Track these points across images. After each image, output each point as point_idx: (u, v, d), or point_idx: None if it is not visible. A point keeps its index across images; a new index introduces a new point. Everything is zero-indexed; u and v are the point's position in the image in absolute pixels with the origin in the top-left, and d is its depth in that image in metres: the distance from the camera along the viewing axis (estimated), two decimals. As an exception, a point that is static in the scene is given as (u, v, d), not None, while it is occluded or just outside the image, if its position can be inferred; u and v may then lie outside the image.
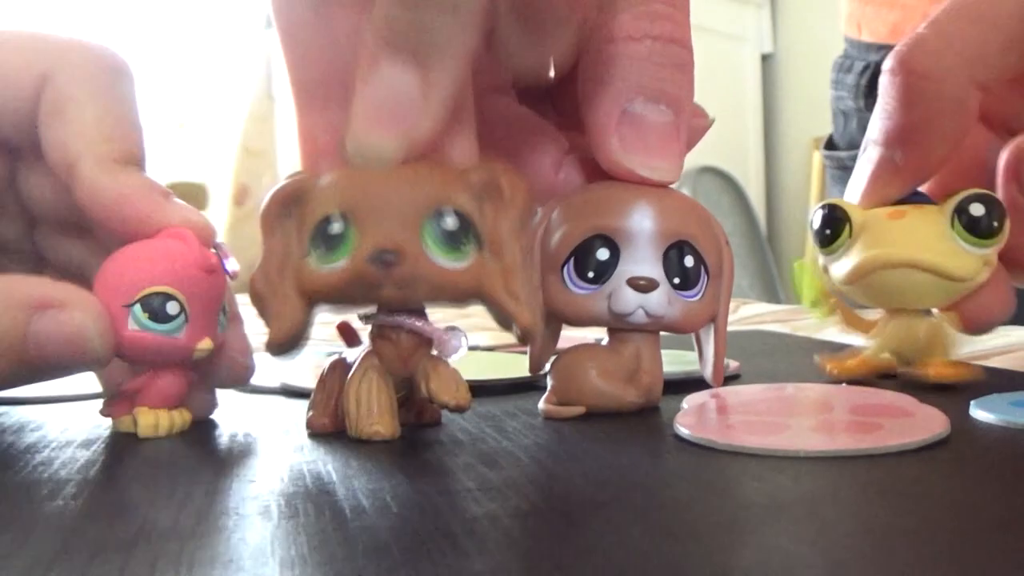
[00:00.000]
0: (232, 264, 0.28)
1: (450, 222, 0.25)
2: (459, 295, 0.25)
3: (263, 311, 0.26)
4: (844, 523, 0.19)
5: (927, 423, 0.25)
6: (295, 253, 0.25)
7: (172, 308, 0.26)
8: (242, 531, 0.18)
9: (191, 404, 0.28)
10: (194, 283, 0.26)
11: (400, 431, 0.26)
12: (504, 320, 0.26)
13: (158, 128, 2.13)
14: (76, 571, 0.16)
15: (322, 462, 0.24)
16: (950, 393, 0.31)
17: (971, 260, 0.32)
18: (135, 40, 2.03)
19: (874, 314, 0.36)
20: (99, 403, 0.34)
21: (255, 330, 0.29)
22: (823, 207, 0.34)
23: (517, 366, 0.37)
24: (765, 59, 2.75)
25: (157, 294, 0.26)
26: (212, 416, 0.31)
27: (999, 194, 0.33)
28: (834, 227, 0.33)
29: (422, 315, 0.26)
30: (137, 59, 0.30)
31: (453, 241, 0.25)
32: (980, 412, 0.27)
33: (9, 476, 0.23)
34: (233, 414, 0.32)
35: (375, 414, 0.26)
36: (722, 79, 2.52)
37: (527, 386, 0.33)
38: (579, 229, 0.28)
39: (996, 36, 0.30)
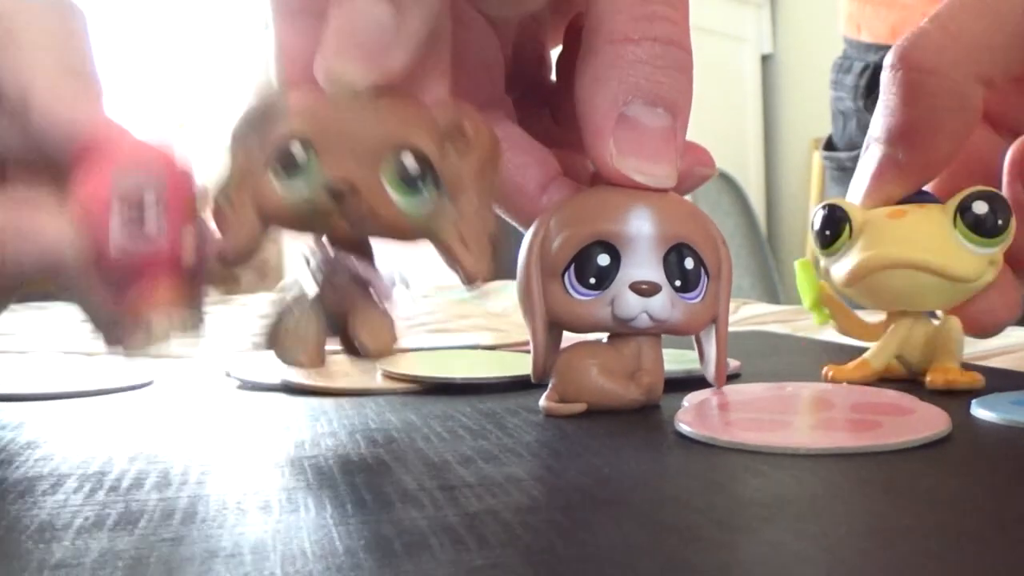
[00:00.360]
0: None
1: (410, 164, 0.24)
2: (410, 236, 0.25)
3: (220, 223, 0.26)
4: (845, 520, 0.19)
5: (928, 421, 0.25)
6: (257, 170, 0.25)
7: (149, 199, 0.25)
8: (243, 525, 0.18)
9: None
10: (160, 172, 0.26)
11: (325, 362, 0.27)
12: (451, 263, 0.26)
13: (158, 128, 2.12)
14: (78, 565, 0.16)
15: (323, 457, 0.24)
16: (952, 393, 0.31)
17: (975, 260, 0.31)
18: (134, 40, 2.04)
19: (876, 317, 0.35)
20: (98, 400, 0.34)
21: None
22: (823, 207, 0.33)
23: (518, 364, 0.37)
24: (765, 60, 2.75)
25: (133, 188, 0.25)
26: (213, 412, 0.31)
27: (1004, 193, 0.32)
28: (834, 228, 0.33)
29: (368, 254, 0.27)
30: (137, 59, 0.30)
31: (412, 183, 0.25)
32: (981, 411, 0.27)
33: (9, 471, 0.23)
34: (234, 410, 0.32)
35: (302, 344, 0.26)
36: (722, 80, 2.52)
37: (528, 384, 0.33)
38: (578, 235, 0.28)
39: (1001, 31, 0.30)
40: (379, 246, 0.27)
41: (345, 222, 0.24)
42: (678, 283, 0.28)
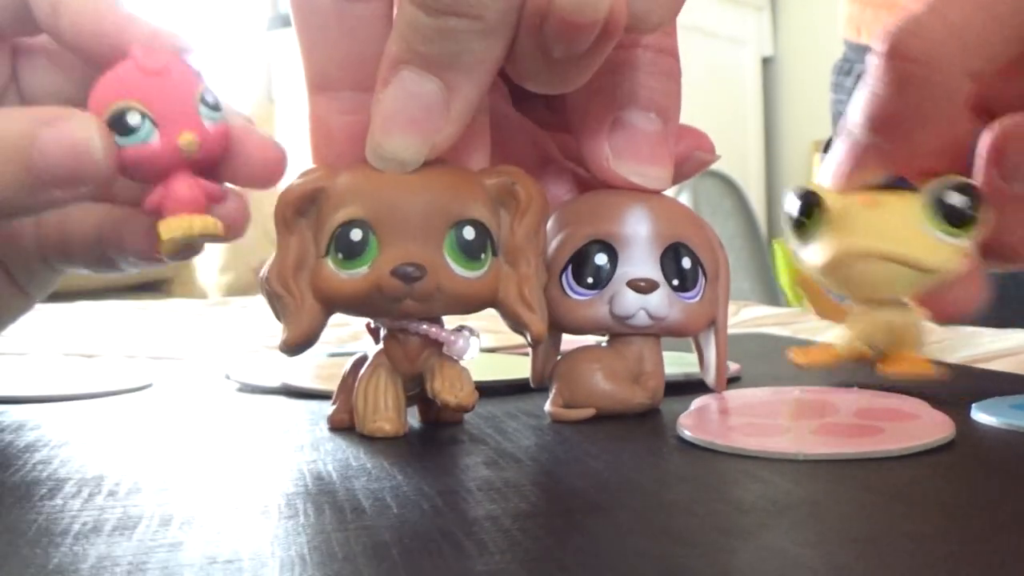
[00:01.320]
0: (197, 61, 0.28)
1: (470, 233, 0.25)
2: (476, 305, 0.26)
3: (278, 311, 0.26)
4: (846, 526, 0.18)
5: (931, 427, 0.25)
6: (312, 254, 0.25)
7: (132, 119, 0.26)
8: (242, 531, 0.18)
9: (220, 213, 0.27)
10: (145, 87, 0.26)
11: (406, 428, 0.27)
12: (517, 327, 0.27)
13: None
14: (75, 571, 0.16)
15: (322, 462, 0.24)
16: (952, 396, 0.31)
17: (947, 250, 0.30)
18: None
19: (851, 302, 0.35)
20: (97, 402, 0.34)
21: (267, 329, 0.28)
22: (796, 191, 0.33)
23: (518, 368, 0.37)
24: (766, 62, 2.75)
25: (116, 110, 0.26)
26: (213, 415, 0.31)
27: (979, 180, 0.31)
28: (807, 212, 0.32)
29: (434, 319, 0.27)
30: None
31: (472, 251, 0.25)
32: (982, 415, 0.27)
33: (8, 475, 0.23)
34: (233, 413, 0.32)
35: (381, 410, 0.26)
36: (723, 82, 2.52)
37: (527, 388, 0.33)
38: (576, 236, 0.28)
39: (1000, 27, 0.29)
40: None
41: (414, 301, 0.25)
42: (676, 282, 0.28)
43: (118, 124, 0.26)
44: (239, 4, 2.33)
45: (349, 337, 0.60)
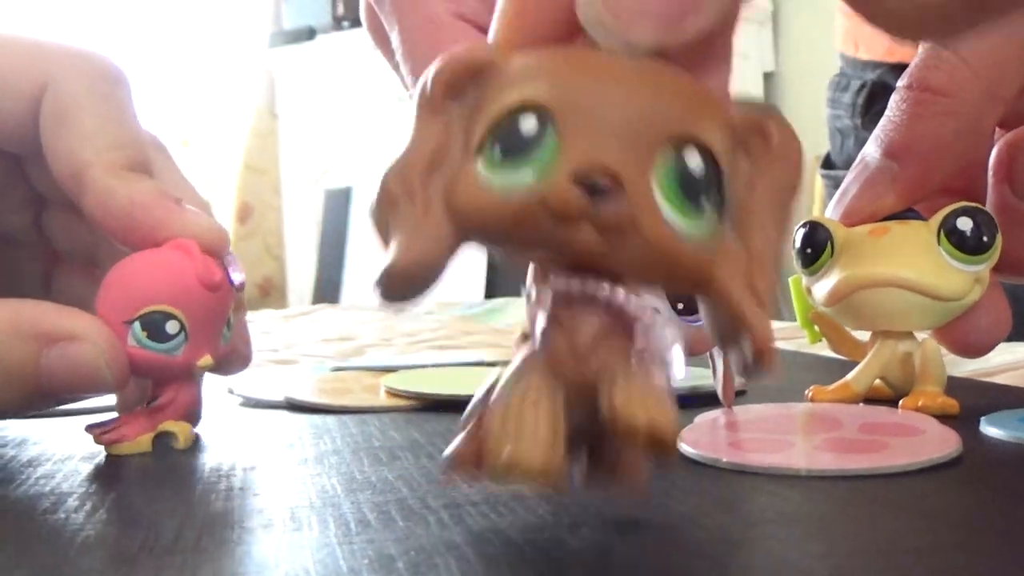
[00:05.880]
0: (238, 276, 0.27)
1: (696, 165, 0.16)
2: (680, 277, 0.17)
3: (389, 222, 0.17)
4: (853, 540, 0.18)
5: (937, 442, 0.25)
6: (457, 150, 0.17)
7: (172, 327, 0.25)
8: (246, 545, 0.18)
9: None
10: (196, 300, 0.26)
11: (565, 472, 0.17)
12: (727, 330, 0.17)
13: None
14: (78, 585, 0.16)
15: (327, 476, 0.24)
16: (960, 410, 0.31)
17: (960, 278, 0.30)
18: (138, 57, 2.04)
19: (867, 336, 0.34)
20: (100, 417, 0.34)
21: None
22: (804, 225, 0.32)
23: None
24: (767, 77, 2.75)
25: (157, 312, 0.25)
26: (216, 429, 0.31)
27: (989, 195, 0.31)
28: (815, 246, 0.31)
29: (633, 283, 0.17)
30: (140, 76, 0.30)
31: (693, 191, 0.16)
32: (991, 429, 0.27)
33: (10, 490, 0.23)
34: (237, 427, 0.32)
35: (527, 434, 0.16)
36: (724, 97, 2.52)
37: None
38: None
39: (1010, 47, 0.29)
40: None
41: (594, 234, 0.16)
42: (680, 305, 0.28)
43: (153, 327, 0.25)
44: (242, 19, 2.34)
45: (353, 351, 0.60)
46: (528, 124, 0.16)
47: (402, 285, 0.17)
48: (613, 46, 0.17)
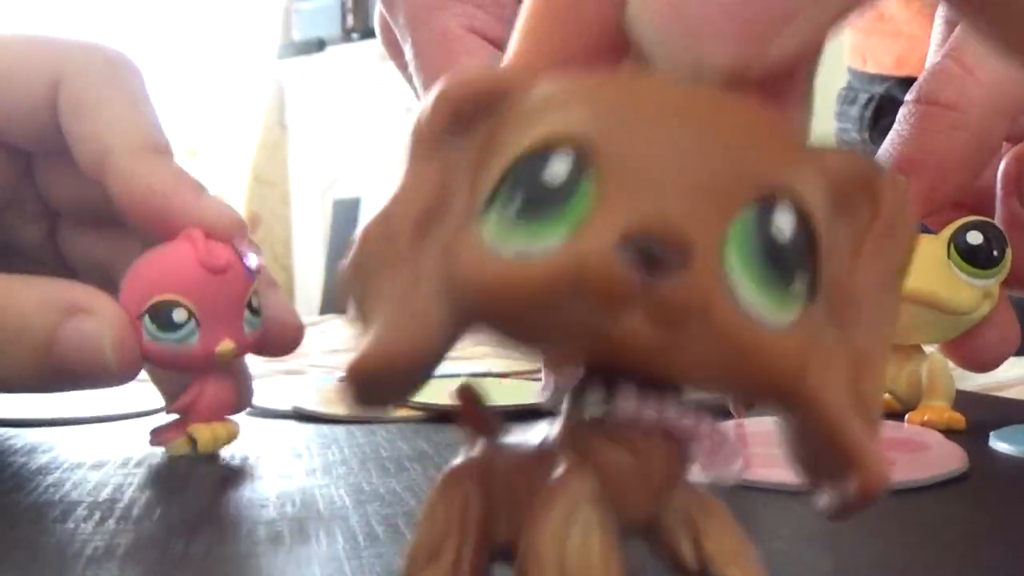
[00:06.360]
0: (253, 260, 0.27)
1: (786, 226, 0.12)
2: (758, 381, 0.12)
3: (367, 296, 0.13)
4: (863, 555, 0.18)
5: (943, 459, 0.25)
6: (460, 202, 0.13)
7: (179, 316, 0.25)
8: (255, 557, 0.18)
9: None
10: (202, 286, 0.25)
11: None
12: (821, 457, 0.13)
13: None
14: (87, 595, 0.16)
15: (334, 487, 0.24)
16: (969, 424, 0.30)
17: (970, 292, 0.30)
18: (147, 67, 2.05)
19: None
20: (109, 426, 0.34)
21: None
22: None
23: (530, 392, 0.37)
24: (775, 90, 2.76)
25: (163, 302, 0.25)
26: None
27: (998, 208, 0.31)
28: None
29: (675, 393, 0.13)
30: (149, 86, 0.30)
31: (781, 265, 0.12)
32: (1000, 443, 0.27)
33: (20, 497, 0.23)
34: (245, 438, 0.32)
35: None
36: (732, 110, 2.52)
37: (539, 413, 0.32)
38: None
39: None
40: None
41: (647, 323, 0.11)
42: None
43: (161, 318, 0.25)
44: (251, 30, 2.35)
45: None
46: (558, 168, 0.12)
47: (378, 385, 0.13)
48: (673, 69, 0.13)
